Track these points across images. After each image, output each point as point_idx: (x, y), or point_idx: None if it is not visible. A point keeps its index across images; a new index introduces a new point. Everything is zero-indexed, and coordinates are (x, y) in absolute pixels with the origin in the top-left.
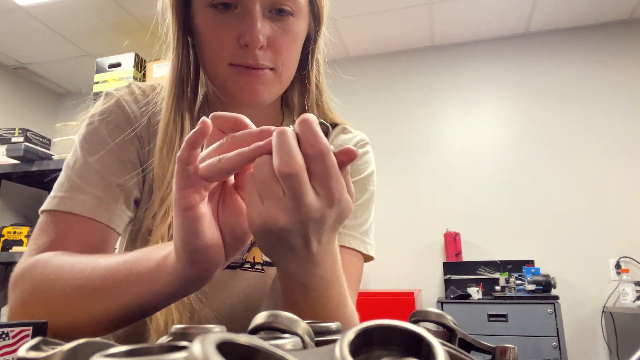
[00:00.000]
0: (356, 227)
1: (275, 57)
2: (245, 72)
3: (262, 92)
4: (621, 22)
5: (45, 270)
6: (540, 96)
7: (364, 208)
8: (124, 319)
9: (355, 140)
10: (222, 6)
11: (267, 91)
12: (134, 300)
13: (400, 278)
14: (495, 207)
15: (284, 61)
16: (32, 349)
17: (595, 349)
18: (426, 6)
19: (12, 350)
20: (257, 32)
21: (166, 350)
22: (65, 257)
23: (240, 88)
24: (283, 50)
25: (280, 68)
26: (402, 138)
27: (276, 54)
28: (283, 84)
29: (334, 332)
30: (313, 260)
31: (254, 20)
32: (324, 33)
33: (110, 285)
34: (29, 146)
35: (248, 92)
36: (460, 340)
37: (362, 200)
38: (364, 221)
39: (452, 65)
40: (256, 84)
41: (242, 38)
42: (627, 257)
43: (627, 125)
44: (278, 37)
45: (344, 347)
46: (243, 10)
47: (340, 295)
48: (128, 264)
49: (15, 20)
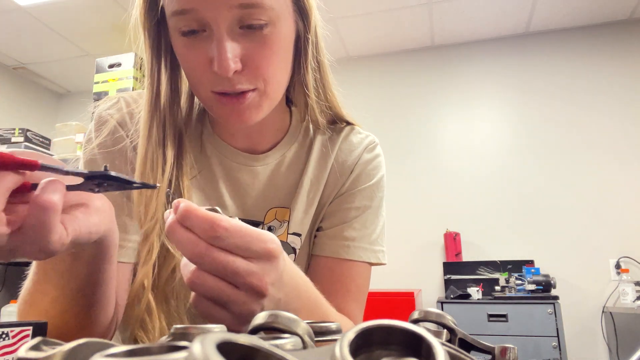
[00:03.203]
0: (365, 238)
1: (254, 76)
2: (227, 100)
3: (249, 116)
4: (621, 22)
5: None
6: (540, 96)
7: (374, 216)
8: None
9: (365, 143)
10: (190, 32)
11: (254, 113)
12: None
13: (400, 278)
14: (495, 207)
15: (266, 78)
16: (32, 349)
17: (595, 349)
18: (426, 6)
19: (12, 350)
20: (225, 59)
21: (166, 350)
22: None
23: (226, 115)
24: (262, 66)
25: (262, 87)
26: (402, 138)
27: (255, 73)
28: (272, 99)
29: (334, 332)
30: (289, 307)
31: (221, 45)
32: (315, 27)
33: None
34: (29, 146)
35: (235, 118)
36: (460, 340)
37: (370, 208)
38: (372, 230)
39: (452, 65)
40: (241, 110)
41: (212, 65)
42: (627, 257)
43: (627, 125)
44: (255, 55)
45: (344, 347)
46: (209, 34)
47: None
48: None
49: (15, 20)
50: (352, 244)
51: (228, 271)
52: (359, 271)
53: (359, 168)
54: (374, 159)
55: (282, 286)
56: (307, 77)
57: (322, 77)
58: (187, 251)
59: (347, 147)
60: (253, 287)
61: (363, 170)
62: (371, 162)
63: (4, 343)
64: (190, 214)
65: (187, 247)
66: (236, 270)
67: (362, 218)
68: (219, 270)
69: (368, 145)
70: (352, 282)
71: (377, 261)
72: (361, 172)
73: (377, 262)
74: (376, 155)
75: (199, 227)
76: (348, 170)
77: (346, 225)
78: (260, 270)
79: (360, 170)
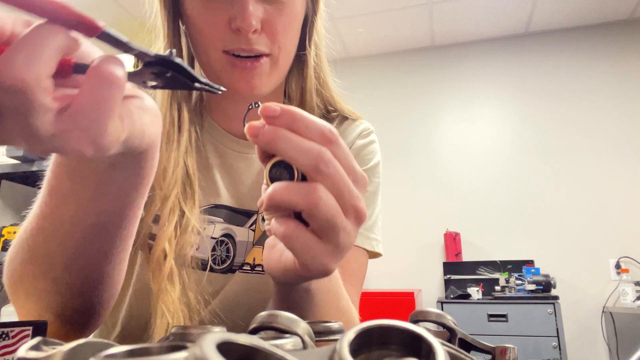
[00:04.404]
0: None
1: (270, 41)
2: (240, 64)
3: (259, 84)
4: (621, 22)
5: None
6: (540, 96)
7: (369, 202)
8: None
9: (358, 130)
10: None
11: (264, 82)
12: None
13: (400, 278)
14: (495, 207)
15: (281, 45)
16: (32, 349)
17: (595, 349)
18: (426, 6)
19: (12, 350)
20: (249, 15)
21: (166, 350)
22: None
23: (235, 80)
24: (279, 33)
25: (277, 53)
26: (402, 138)
27: (272, 38)
28: (281, 71)
29: (334, 332)
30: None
31: (245, 2)
32: (322, 12)
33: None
34: None
35: (244, 85)
36: (460, 340)
37: (367, 193)
38: (368, 216)
39: (452, 65)
40: (252, 76)
41: (233, 22)
42: (627, 257)
43: (627, 125)
44: (273, 20)
45: (344, 347)
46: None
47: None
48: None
49: None
50: None
51: (345, 187)
52: (355, 256)
53: (352, 153)
54: (368, 145)
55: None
56: (308, 60)
57: (320, 63)
58: (307, 157)
59: (341, 133)
60: (358, 212)
61: (357, 155)
62: (366, 148)
63: (4, 343)
64: (302, 115)
65: (306, 152)
66: (349, 187)
67: None
68: (337, 185)
69: (362, 132)
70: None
71: (371, 249)
72: (355, 157)
73: (372, 250)
74: (371, 141)
75: (316, 130)
76: None
77: None
78: (360, 195)
79: (354, 155)
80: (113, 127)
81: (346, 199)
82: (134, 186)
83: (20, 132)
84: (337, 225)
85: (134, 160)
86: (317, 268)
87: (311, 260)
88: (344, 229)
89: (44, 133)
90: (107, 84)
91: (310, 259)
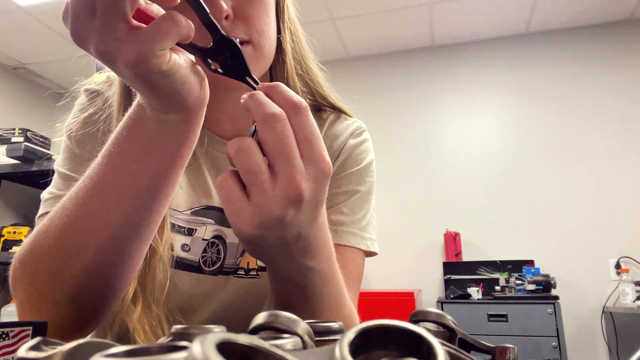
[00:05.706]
0: (355, 223)
1: (247, 27)
2: None
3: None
4: (621, 22)
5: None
6: (539, 96)
7: (363, 202)
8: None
9: (351, 129)
10: None
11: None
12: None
13: (400, 278)
14: (495, 207)
15: (258, 29)
16: (32, 349)
17: (595, 349)
18: (426, 6)
19: (12, 350)
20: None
21: (166, 350)
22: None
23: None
24: (253, 17)
25: (256, 38)
26: (402, 138)
27: (247, 23)
28: (266, 57)
29: (335, 332)
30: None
31: None
32: None
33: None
34: (29, 146)
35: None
36: (460, 340)
37: (360, 193)
38: (362, 215)
39: (452, 65)
40: None
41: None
42: (627, 257)
43: (627, 125)
44: (244, 5)
45: (343, 347)
46: None
47: (337, 293)
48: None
49: (15, 20)
50: (339, 229)
51: (283, 152)
52: (350, 257)
53: (345, 153)
54: (361, 144)
55: (312, 219)
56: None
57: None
58: (260, 109)
59: (333, 133)
60: (292, 187)
61: (350, 155)
62: (358, 147)
63: (4, 343)
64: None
65: (261, 105)
66: (291, 156)
67: (351, 203)
68: (275, 146)
69: (354, 131)
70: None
71: (366, 249)
72: (348, 156)
73: (367, 250)
74: (363, 140)
75: (286, 97)
76: (334, 156)
77: (334, 210)
78: (308, 177)
79: (347, 154)
80: (159, 54)
81: (279, 165)
82: (177, 151)
83: (100, 28)
84: (256, 183)
85: (176, 124)
86: (233, 226)
87: (228, 214)
88: (263, 190)
89: (115, 34)
90: (165, 25)
91: (227, 210)
